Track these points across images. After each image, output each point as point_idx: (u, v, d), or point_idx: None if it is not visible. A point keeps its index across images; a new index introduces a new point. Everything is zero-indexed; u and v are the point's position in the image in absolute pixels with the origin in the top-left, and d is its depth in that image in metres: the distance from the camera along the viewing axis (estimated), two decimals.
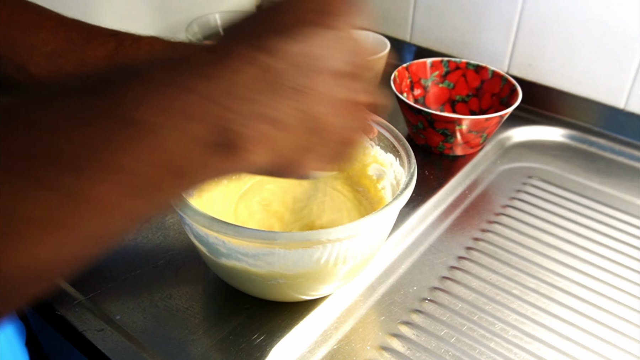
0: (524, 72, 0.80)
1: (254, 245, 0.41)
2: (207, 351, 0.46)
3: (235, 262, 0.44)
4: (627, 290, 0.54)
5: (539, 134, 0.76)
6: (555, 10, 0.74)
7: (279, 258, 0.42)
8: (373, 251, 0.48)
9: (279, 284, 0.45)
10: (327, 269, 0.44)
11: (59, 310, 0.49)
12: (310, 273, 0.44)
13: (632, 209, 0.64)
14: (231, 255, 0.43)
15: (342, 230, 0.40)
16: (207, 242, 0.44)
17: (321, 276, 0.45)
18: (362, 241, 0.44)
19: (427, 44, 0.88)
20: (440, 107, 0.78)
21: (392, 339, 0.49)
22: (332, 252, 0.42)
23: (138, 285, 0.52)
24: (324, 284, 0.46)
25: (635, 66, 0.71)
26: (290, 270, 0.43)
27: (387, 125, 0.52)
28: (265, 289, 0.47)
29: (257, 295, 0.49)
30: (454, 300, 0.53)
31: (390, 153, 0.52)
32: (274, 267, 0.43)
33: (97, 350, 0.46)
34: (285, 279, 0.44)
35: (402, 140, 0.50)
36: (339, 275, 0.46)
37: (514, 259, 0.57)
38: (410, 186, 0.45)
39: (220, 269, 0.46)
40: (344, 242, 0.42)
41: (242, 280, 0.46)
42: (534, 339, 0.49)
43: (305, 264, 0.43)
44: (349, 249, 0.43)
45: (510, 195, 0.66)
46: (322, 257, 0.42)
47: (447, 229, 0.61)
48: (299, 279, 0.44)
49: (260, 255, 0.42)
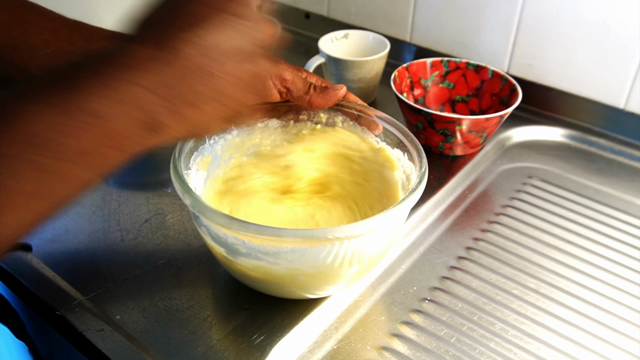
0: (524, 72, 0.80)
1: (274, 244, 0.42)
2: (207, 351, 0.46)
3: (255, 262, 0.44)
4: (627, 290, 0.54)
5: (539, 134, 0.76)
6: (555, 10, 0.74)
7: (299, 255, 0.42)
8: (387, 247, 0.48)
9: (299, 281, 0.45)
10: (341, 266, 0.44)
11: (59, 310, 0.49)
12: (327, 270, 0.44)
13: (632, 209, 0.64)
14: (251, 255, 0.43)
15: (359, 226, 0.41)
16: (226, 242, 0.44)
17: (336, 273, 0.45)
18: (378, 237, 0.45)
19: (427, 44, 0.88)
20: (440, 107, 0.78)
21: (392, 339, 0.49)
22: (349, 248, 0.43)
23: (138, 285, 0.52)
24: (339, 281, 0.47)
25: (635, 66, 0.71)
26: (311, 267, 0.43)
27: (394, 122, 0.52)
28: (284, 287, 0.47)
29: (275, 294, 0.50)
30: (454, 300, 0.53)
31: (398, 149, 0.53)
32: (294, 264, 0.43)
33: (97, 350, 0.46)
34: (305, 276, 0.44)
35: (410, 136, 0.51)
36: (353, 271, 0.46)
37: (514, 259, 0.57)
38: (423, 182, 0.46)
39: (237, 269, 0.46)
40: (360, 238, 0.42)
41: (261, 280, 0.46)
42: (534, 339, 0.49)
43: (320, 260, 0.43)
44: (364, 244, 0.44)
45: (510, 195, 0.66)
46: (338, 253, 0.43)
47: (447, 229, 0.61)
48: (318, 276, 0.45)
49: (280, 254, 0.42)
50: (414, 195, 0.44)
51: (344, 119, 0.56)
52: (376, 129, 0.54)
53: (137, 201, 0.61)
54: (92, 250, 0.55)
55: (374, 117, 0.54)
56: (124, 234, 0.57)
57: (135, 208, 0.61)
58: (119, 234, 0.57)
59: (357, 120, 0.55)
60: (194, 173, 0.51)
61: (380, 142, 0.55)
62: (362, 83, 0.77)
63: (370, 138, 0.55)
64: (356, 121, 0.56)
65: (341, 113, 0.56)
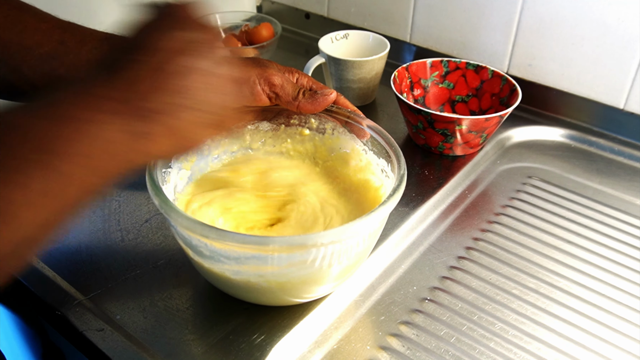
0: (524, 72, 0.80)
1: (235, 249, 0.41)
2: (207, 351, 0.46)
3: (218, 265, 0.44)
4: (627, 290, 0.54)
5: (539, 134, 0.76)
6: (555, 10, 0.74)
7: (260, 261, 0.42)
8: (358, 258, 0.47)
9: (263, 288, 0.45)
10: (320, 272, 0.44)
11: (59, 310, 0.49)
12: (303, 277, 0.44)
13: (631, 209, 0.64)
14: (214, 258, 0.43)
15: (326, 235, 0.40)
16: (191, 244, 0.44)
17: (312, 279, 0.45)
18: (348, 246, 0.43)
19: (427, 44, 0.88)
20: (440, 107, 0.78)
21: (392, 339, 0.49)
22: (318, 256, 0.42)
23: (138, 285, 0.52)
24: (315, 286, 0.46)
25: (635, 66, 0.71)
26: (275, 275, 0.43)
27: (380, 130, 0.51)
28: (251, 292, 0.47)
29: (247, 300, 0.49)
30: (454, 300, 0.53)
31: (383, 159, 0.52)
32: (258, 271, 0.43)
33: (97, 350, 0.46)
34: (268, 283, 0.44)
35: (393, 145, 0.50)
36: (329, 278, 0.46)
37: (514, 259, 0.57)
38: (399, 190, 0.44)
39: (206, 272, 0.47)
40: (329, 247, 0.41)
41: (226, 283, 0.46)
42: (534, 339, 0.49)
43: (296, 268, 0.43)
44: (334, 254, 0.43)
45: (510, 195, 0.66)
46: (315, 259, 0.42)
47: (447, 229, 0.61)
48: (286, 284, 0.44)
49: (242, 259, 0.42)
50: (390, 201, 0.43)
51: (334, 125, 0.56)
52: (364, 136, 0.54)
53: (137, 201, 0.62)
54: (92, 250, 0.55)
55: (363, 126, 0.53)
56: (124, 234, 0.57)
57: (135, 208, 0.61)
58: (119, 233, 0.57)
59: (347, 127, 0.55)
60: (175, 172, 0.51)
61: (367, 152, 0.54)
62: (362, 83, 0.77)
63: (357, 145, 0.55)
64: (345, 127, 0.55)
65: (331, 119, 0.55)
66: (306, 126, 0.57)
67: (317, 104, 0.51)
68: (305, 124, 0.57)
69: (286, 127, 0.57)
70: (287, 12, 1.02)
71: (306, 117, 0.56)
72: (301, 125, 0.57)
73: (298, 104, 0.50)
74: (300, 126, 0.57)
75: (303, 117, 0.56)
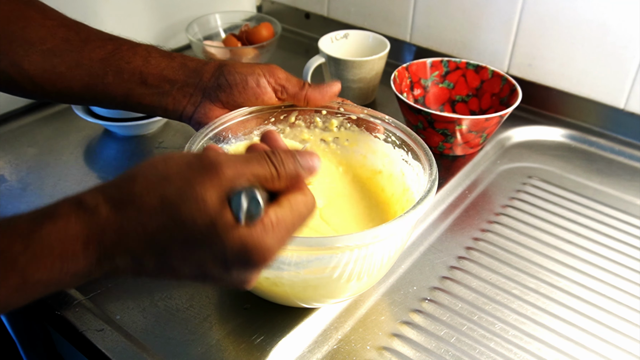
0: (524, 72, 0.80)
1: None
2: (207, 351, 0.46)
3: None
4: (627, 290, 0.54)
5: (539, 134, 0.76)
6: (555, 10, 0.74)
7: (287, 264, 0.42)
8: (388, 261, 0.47)
9: (286, 291, 0.45)
10: (338, 281, 0.44)
11: (59, 310, 0.49)
12: (322, 283, 0.44)
13: (632, 209, 0.64)
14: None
15: (355, 237, 0.39)
16: None
17: (330, 287, 0.45)
18: (377, 250, 0.43)
19: (427, 44, 0.88)
20: (440, 107, 0.78)
21: (392, 338, 0.49)
22: (341, 261, 0.42)
23: (138, 285, 0.52)
24: (333, 295, 0.46)
25: (635, 66, 0.71)
26: (297, 277, 0.43)
27: (405, 129, 0.51)
28: (275, 294, 0.47)
29: (267, 298, 0.49)
30: (454, 300, 0.53)
31: (400, 148, 0.52)
32: (282, 271, 0.43)
33: (97, 350, 0.46)
34: (291, 286, 0.44)
35: (423, 146, 0.50)
36: (350, 288, 0.46)
37: (514, 259, 0.57)
38: (431, 193, 0.45)
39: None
40: (355, 251, 0.41)
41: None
42: (534, 339, 0.49)
43: (316, 271, 0.42)
44: (365, 260, 0.42)
45: (510, 195, 0.66)
46: (336, 265, 0.42)
47: (447, 229, 0.61)
48: (307, 288, 0.44)
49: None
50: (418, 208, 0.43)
51: (341, 121, 0.55)
52: (375, 129, 0.54)
53: None
54: None
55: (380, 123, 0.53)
56: None
57: None
58: None
59: (357, 122, 0.55)
60: None
61: (386, 142, 0.54)
62: (362, 83, 0.77)
63: (370, 140, 0.55)
64: (355, 123, 0.55)
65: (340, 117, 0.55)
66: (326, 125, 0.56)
67: (325, 92, 0.51)
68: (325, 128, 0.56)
69: (291, 128, 0.56)
70: (287, 12, 1.02)
71: (312, 116, 0.55)
72: (307, 127, 0.56)
73: (305, 94, 0.50)
74: (307, 128, 0.56)
75: (309, 119, 0.56)
